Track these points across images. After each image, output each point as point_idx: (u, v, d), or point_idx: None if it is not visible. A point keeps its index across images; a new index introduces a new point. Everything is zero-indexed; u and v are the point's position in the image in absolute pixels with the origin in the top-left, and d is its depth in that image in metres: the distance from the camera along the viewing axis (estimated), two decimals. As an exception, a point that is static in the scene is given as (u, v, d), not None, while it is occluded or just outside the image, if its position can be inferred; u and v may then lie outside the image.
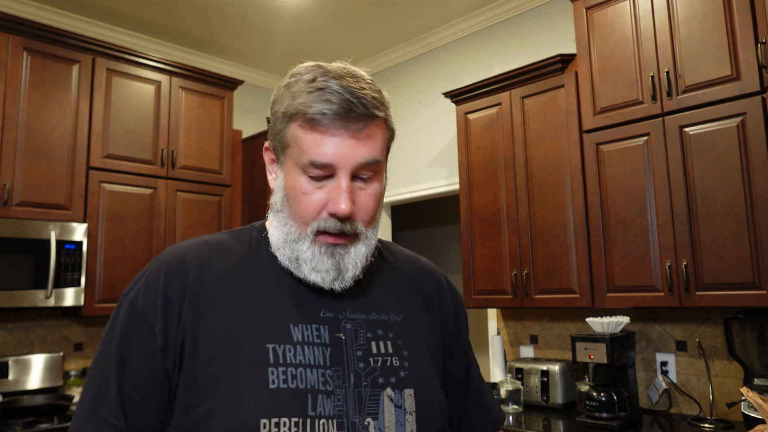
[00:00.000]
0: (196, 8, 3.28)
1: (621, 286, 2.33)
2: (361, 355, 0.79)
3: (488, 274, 2.80)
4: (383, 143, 0.80)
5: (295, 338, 0.76)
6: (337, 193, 0.75)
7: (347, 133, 0.75)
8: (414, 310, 0.89)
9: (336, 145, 0.74)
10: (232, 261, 0.82)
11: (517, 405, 2.60)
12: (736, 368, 2.29)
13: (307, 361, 0.75)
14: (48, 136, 2.67)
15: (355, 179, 0.77)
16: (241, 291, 0.79)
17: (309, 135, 0.75)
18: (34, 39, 2.67)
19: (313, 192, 0.76)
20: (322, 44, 3.78)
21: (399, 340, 0.83)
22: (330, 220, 0.76)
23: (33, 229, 2.57)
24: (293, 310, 0.79)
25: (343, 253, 0.78)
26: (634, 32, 2.35)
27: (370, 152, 0.76)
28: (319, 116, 0.73)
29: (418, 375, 0.82)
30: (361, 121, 0.75)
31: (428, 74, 3.72)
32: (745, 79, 2.06)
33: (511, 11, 3.28)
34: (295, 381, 0.73)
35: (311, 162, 0.75)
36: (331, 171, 0.75)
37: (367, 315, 0.82)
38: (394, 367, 0.80)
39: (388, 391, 0.78)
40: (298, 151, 0.76)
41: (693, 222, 2.15)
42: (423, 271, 0.96)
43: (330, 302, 0.81)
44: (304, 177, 0.76)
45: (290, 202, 0.79)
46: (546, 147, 2.63)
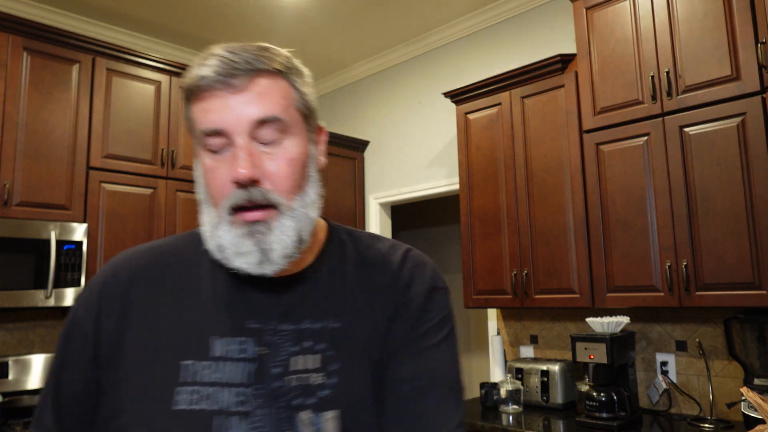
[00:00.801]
0: (196, 8, 3.28)
1: (621, 286, 2.33)
2: (280, 372, 0.70)
3: (488, 274, 2.80)
4: (285, 101, 0.71)
5: (214, 353, 0.70)
6: (234, 159, 0.69)
7: (230, 91, 0.69)
8: (364, 311, 0.76)
9: (221, 107, 0.69)
10: (171, 269, 0.77)
11: (517, 405, 2.60)
12: (736, 368, 2.29)
13: (223, 380, 0.69)
14: (48, 136, 2.67)
15: (258, 143, 0.70)
16: (170, 301, 0.74)
17: (197, 105, 0.71)
18: (34, 39, 2.67)
19: (217, 167, 0.70)
20: (322, 44, 3.78)
21: (331, 351, 0.73)
22: (236, 192, 0.69)
23: (33, 229, 2.56)
24: (220, 321, 0.72)
25: (264, 231, 0.70)
26: (634, 32, 2.35)
27: (265, 108, 0.69)
28: (200, 81, 0.69)
29: (348, 394, 0.71)
30: (246, 77, 0.69)
31: (428, 74, 3.72)
32: (745, 79, 2.06)
33: (511, 11, 3.28)
34: (203, 402, 0.68)
35: (203, 132, 0.70)
36: (226, 139, 0.69)
37: (298, 325, 0.73)
38: (315, 385, 0.70)
39: (304, 414, 0.69)
40: (195, 128, 0.72)
41: (693, 222, 2.15)
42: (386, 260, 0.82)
43: (261, 312, 0.73)
44: (207, 153, 0.71)
45: (205, 186, 0.73)
46: (546, 147, 2.63)
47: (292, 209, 0.72)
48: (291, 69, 0.73)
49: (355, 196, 3.96)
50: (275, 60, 0.71)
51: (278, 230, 0.71)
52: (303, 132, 0.74)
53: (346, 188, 3.91)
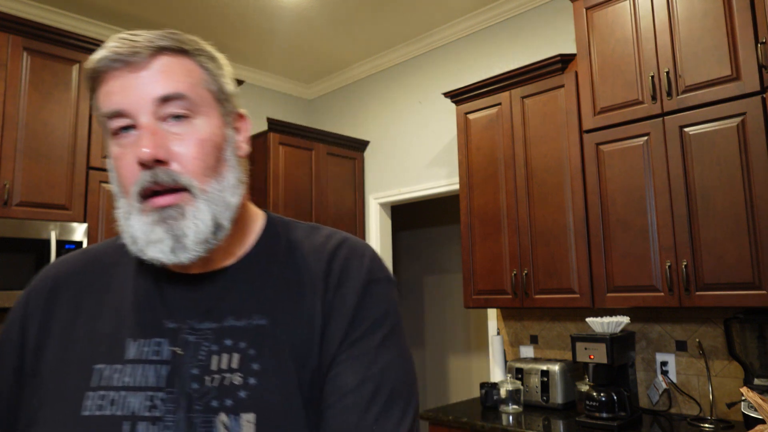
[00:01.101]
0: (196, 8, 3.29)
1: (621, 286, 2.33)
2: (197, 373, 0.66)
3: (488, 274, 2.80)
4: (192, 80, 0.68)
5: (128, 356, 0.67)
6: (138, 139, 0.65)
7: (130, 70, 0.66)
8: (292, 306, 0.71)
9: (122, 87, 0.66)
10: (96, 273, 0.75)
11: (517, 405, 2.60)
12: (736, 368, 2.29)
13: (136, 383, 0.66)
14: (48, 136, 2.67)
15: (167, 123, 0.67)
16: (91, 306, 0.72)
17: (100, 91, 0.68)
18: (34, 39, 2.67)
19: (124, 154, 0.67)
20: (322, 44, 3.78)
21: (252, 350, 0.67)
22: (142, 175, 0.65)
23: (33, 229, 2.57)
24: (137, 323, 0.70)
25: (176, 216, 0.66)
26: (634, 32, 2.35)
27: (168, 85, 0.66)
28: (97, 63, 0.67)
29: (267, 395, 0.65)
30: (147, 54, 0.66)
31: (428, 74, 3.72)
32: (745, 79, 2.06)
33: (511, 11, 3.28)
34: (112, 407, 0.65)
35: (105, 115, 0.67)
36: (129, 120, 0.66)
37: (220, 323, 0.69)
38: (233, 386, 0.65)
39: (222, 416, 0.63)
40: (100, 117, 0.69)
41: (693, 222, 2.15)
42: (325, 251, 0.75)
43: (179, 311, 0.70)
44: (113, 142, 0.68)
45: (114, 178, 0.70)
46: (546, 147, 2.63)
47: (206, 192, 0.68)
48: (199, 50, 0.71)
49: (355, 196, 3.97)
50: (180, 40, 0.69)
51: (191, 214, 0.67)
52: (216, 114, 0.71)
53: (346, 188, 3.91)
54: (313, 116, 4.53)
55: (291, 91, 4.44)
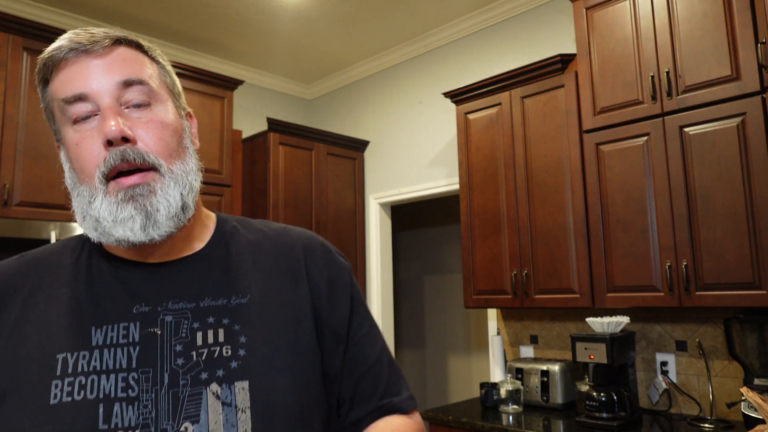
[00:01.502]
0: (196, 8, 3.29)
1: (621, 286, 2.33)
2: (181, 349, 0.68)
3: (488, 274, 2.80)
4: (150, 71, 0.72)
5: (94, 342, 0.67)
6: (101, 119, 0.67)
7: (89, 58, 0.68)
8: (272, 287, 0.77)
9: (82, 72, 0.68)
10: (45, 272, 0.74)
11: (517, 405, 2.60)
12: (736, 368, 2.29)
13: (105, 367, 0.66)
14: (48, 136, 2.67)
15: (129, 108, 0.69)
16: (45, 303, 0.71)
17: (56, 78, 0.69)
18: (34, 39, 2.67)
19: (84, 138, 0.68)
20: (322, 44, 3.78)
21: (237, 325, 0.71)
22: (109, 154, 0.67)
23: (33, 229, 2.56)
24: (99, 311, 0.70)
25: (145, 193, 0.68)
26: (634, 32, 2.35)
27: (128, 71, 0.69)
28: (56, 52, 0.68)
29: (258, 363, 0.70)
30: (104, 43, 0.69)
31: (428, 74, 3.72)
32: (745, 79, 2.06)
33: (511, 11, 3.28)
34: (83, 392, 0.64)
35: (64, 100, 0.68)
36: (91, 106, 0.68)
37: (197, 303, 0.72)
38: (224, 357, 0.69)
39: (213, 387, 0.67)
40: (56, 104, 0.69)
41: (693, 222, 2.15)
42: (290, 241, 0.83)
43: (149, 294, 0.71)
44: (71, 128, 0.69)
45: (73, 165, 0.71)
46: (546, 147, 2.63)
47: (172, 172, 0.70)
48: (151, 49, 0.75)
49: (355, 196, 3.96)
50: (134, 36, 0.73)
51: (161, 191, 0.69)
52: (172, 104, 0.74)
53: (346, 188, 3.91)
54: (313, 116, 4.53)
55: (291, 91, 4.44)
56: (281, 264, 0.80)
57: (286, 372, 0.72)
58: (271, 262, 0.80)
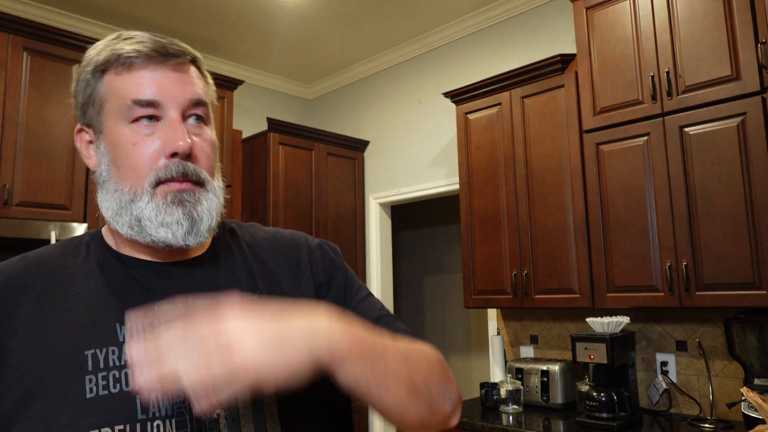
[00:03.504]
0: (196, 8, 3.29)
1: (621, 286, 2.33)
2: None
3: (488, 274, 2.80)
4: (209, 92, 0.77)
5: (121, 338, 0.69)
6: (172, 131, 0.70)
7: (168, 68, 0.71)
8: (277, 281, 0.81)
9: (158, 80, 0.70)
10: (53, 272, 0.75)
11: (517, 405, 2.60)
12: (736, 368, 2.29)
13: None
14: (48, 136, 2.67)
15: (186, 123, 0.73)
16: (58, 302, 0.71)
17: (127, 77, 0.70)
18: (34, 39, 2.66)
19: (144, 140, 0.70)
20: (322, 44, 3.78)
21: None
22: (170, 164, 0.70)
23: (33, 229, 2.56)
24: (121, 308, 0.71)
25: (193, 201, 0.71)
26: (634, 32, 2.35)
27: (198, 91, 0.73)
28: (134, 54, 0.70)
29: None
30: (179, 57, 0.72)
31: (428, 74, 3.72)
32: (745, 79, 2.06)
33: (511, 11, 3.28)
34: (118, 385, 0.66)
35: (134, 101, 0.69)
36: (158, 111, 0.71)
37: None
38: None
39: None
40: (117, 99, 0.71)
41: (693, 222, 2.15)
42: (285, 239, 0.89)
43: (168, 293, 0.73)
44: (128, 127, 0.71)
45: (119, 162, 0.72)
46: (546, 147, 2.63)
47: (214, 188, 0.76)
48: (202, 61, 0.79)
49: (355, 196, 3.96)
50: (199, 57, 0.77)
51: (206, 203, 0.73)
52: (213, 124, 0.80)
53: (346, 188, 3.91)
54: (313, 116, 4.53)
55: (291, 91, 4.44)
56: (282, 260, 0.84)
57: None
58: (272, 259, 0.84)
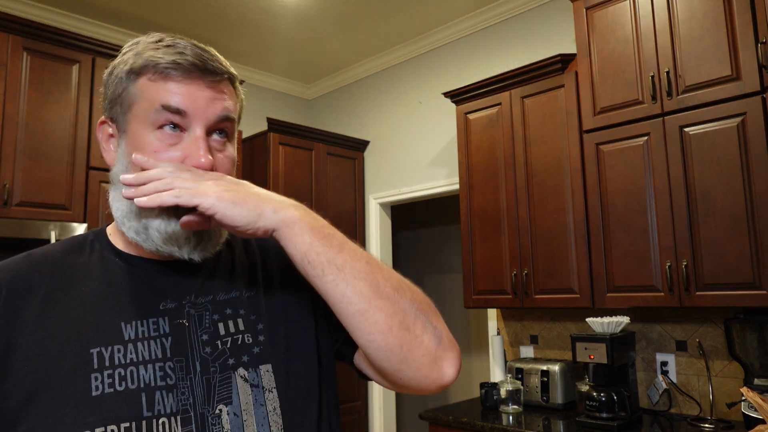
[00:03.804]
0: (196, 8, 3.29)
1: (621, 286, 2.33)
2: (207, 339, 0.73)
3: (488, 274, 2.80)
4: (237, 109, 0.79)
5: (126, 336, 0.70)
6: (195, 146, 0.71)
7: (203, 83, 0.72)
8: (272, 280, 0.84)
9: (191, 93, 0.71)
10: (58, 270, 0.75)
11: (517, 405, 2.60)
12: (736, 368, 2.29)
13: (141, 358, 0.69)
14: (48, 136, 2.67)
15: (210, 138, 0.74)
16: (63, 299, 0.71)
17: (160, 85, 0.71)
18: (34, 39, 2.66)
19: (166, 149, 0.71)
20: (322, 44, 3.78)
21: (252, 315, 0.78)
22: None
23: (33, 229, 2.56)
24: (127, 307, 0.72)
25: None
26: (634, 32, 2.35)
27: (228, 107, 0.74)
28: (172, 65, 0.70)
29: (277, 347, 0.77)
30: (217, 75, 0.73)
31: (428, 74, 3.72)
32: (745, 79, 2.06)
33: (511, 11, 3.28)
34: (124, 383, 0.67)
35: (164, 105, 0.70)
36: (184, 122, 0.71)
37: (213, 296, 0.77)
38: (246, 344, 0.75)
39: (240, 371, 0.73)
40: (146, 103, 0.71)
41: (693, 222, 2.15)
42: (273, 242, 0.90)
43: (169, 291, 0.75)
44: (154, 134, 0.71)
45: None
46: (546, 147, 2.63)
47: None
48: (237, 78, 0.80)
49: (355, 196, 3.96)
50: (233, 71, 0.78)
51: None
52: (235, 138, 0.81)
53: (346, 188, 3.91)
54: (313, 116, 4.53)
55: (291, 91, 4.44)
56: (279, 260, 0.86)
57: (300, 354, 0.79)
58: (270, 258, 0.87)
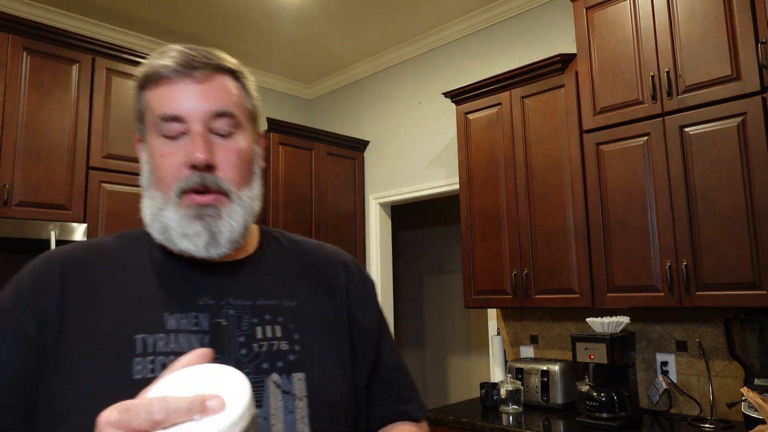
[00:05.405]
0: (196, 8, 3.29)
1: (621, 286, 2.33)
2: (244, 341, 0.76)
3: (488, 274, 2.80)
4: (238, 99, 0.79)
5: (168, 327, 0.73)
6: (192, 143, 0.74)
7: (191, 81, 0.75)
8: (314, 294, 0.86)
9: (182, 95, 0.75)
10: (107, 258, 0.79)
11: (517, 405, 2.59)
12: (736, 368, 2.29)
13: (182, 349, 0.71)
14: (48, 136, 2.67)
15: (213, 134, 0.76)
16: (112, 286, 0.76)
17: (156, 92, 0.76)
18: (34, 39, 2.66)
19: (171, 152, 0.75)
20: (322, 44, 3.78)
21: (291, 324, 0.80)
22: (191, 176, 0.74)
23: (33, 229, 2.56)
24: (169, 300, 0.75)
25: (213, 215, 0.75)
26: (634, 32, 2.35)
27: (222, 102, 0.76)
28: (162, 69, 0.75)
29: (312, 358, 0.79)
30: (206, 70, 0.76)
31: (428, 74, 3.72)
32: (746, 79, 2.05)
33: (511, 11, 3.28)
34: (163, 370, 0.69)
35: (161, 116, 0.75)
36: (184, 126, 0.75)
37: (253, 301, 0.79)
38: (282, 351, 0.77)
39: (274, 376, 0.74)
40: (150, 114, 0.77)
41: (693, 222, 2.15)
42: (327, 254, 0.93)
43: (211, 289, 0.78)
44: (161, 139, 0.76)
45: (153, 171, 0.77)
46: (546, 147, 2.63)
47: (240, 198, 0.78)
48: (242, 73, 0.82)
49: (355, 196, 3.96)
50: (229, 61, 0.80)
51: (227, 216, 0.76)
52: (250, 130, 0.82)
53: (346, 188, 3.91)
54: (313, 116, 4.53)
55: (291, 91, 4.44)
56: (321, 275, 0.89)
57: (334, 369, 0.81)
58: (312, 272, 0.88)
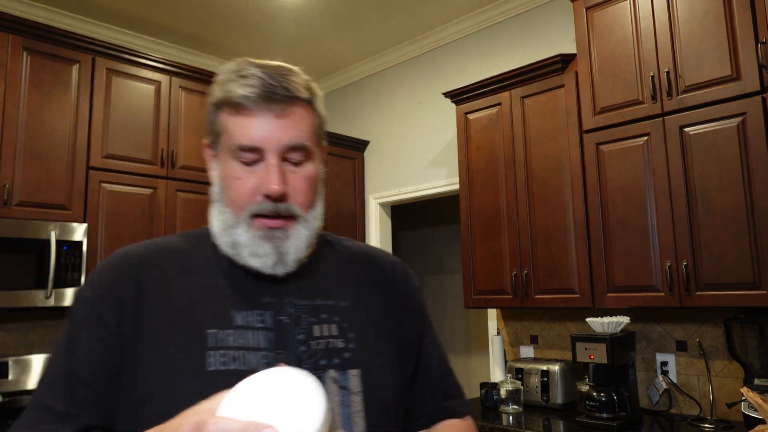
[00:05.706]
0: (196, 8, 3.28)
1: (621, 286, 2.33)
2: (303, 338, 0.80)
3: (488, 274, 2.80)
4: (311, 128, 0.82)
5: (236, 323, 0.78)
6: (267, 173, 0.78)
7: (271, 114, 0.78)
8: (364, 295, 0.90)
9: (261, 127, 0.78)
10: (177, 256, 0.84)
11: (517, 405, 2.59)
12: (736, 368, 2.29)
13: (249, 345, 0.76)
14: (48, 136, 2.67)
15: (286, 162, 0.80)
16: (183, 282, 0.81)
17: (235, 120, 0.79)
18: (34, 39, 2.66)
19: (246, 177, 0.79)
20: (322, 44, 3.78)
21: (345, 323, 0.84)
22: (264, 203, 0.78)
23: (33, 229, 2.56)
24: (235, 297, 0.80)
25: (282, 237, 0.80)
26: (634, 32, 2.35)
27: (296, 135, 0.79)
28: (243, 100, 0.77)
29: (366, 356, 0.83)
30: (284, 103, 0.78)
31: (428, 74, 3.72)
32: (746, 79, 2.05)
33: (511, 11, 3.28)
34: (235, 363, 0.75)
35: (239, 146, 0.78)
36: (260, 154, 0.79)
37: (310, 301, 0.83)
38: (338, 348, 0.81)
39: (331, 372, 0.79)
40: (228, 138, 0.80)
41: (693, 222, 2.15)
42: (374, 257, 0.98)
43: (273, 289, 0.82)
44: (236, 163, 0.79)
45: (225, 190, 0.82)
46: (546, 147, 2.63)
47: (307, 221, 0.82)
48: (315, 96, 0.84)
49: (355, 196, 3.96)
50: (309, 89, 0.82)
51: (294, 237, 0.81)
52: (318, 154, 0.85)
53: (346, 188, 3.91)
54: (313, 116, 4.52)
55: (291, 91, 4.43)
56: (371, 276, 0.93)
57: (385, 365, 0.85)
58: (363, 274, 0.93)
